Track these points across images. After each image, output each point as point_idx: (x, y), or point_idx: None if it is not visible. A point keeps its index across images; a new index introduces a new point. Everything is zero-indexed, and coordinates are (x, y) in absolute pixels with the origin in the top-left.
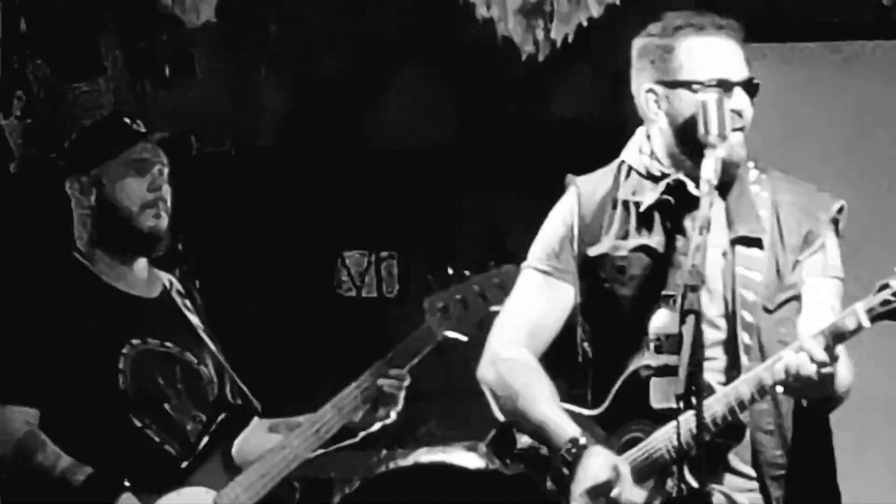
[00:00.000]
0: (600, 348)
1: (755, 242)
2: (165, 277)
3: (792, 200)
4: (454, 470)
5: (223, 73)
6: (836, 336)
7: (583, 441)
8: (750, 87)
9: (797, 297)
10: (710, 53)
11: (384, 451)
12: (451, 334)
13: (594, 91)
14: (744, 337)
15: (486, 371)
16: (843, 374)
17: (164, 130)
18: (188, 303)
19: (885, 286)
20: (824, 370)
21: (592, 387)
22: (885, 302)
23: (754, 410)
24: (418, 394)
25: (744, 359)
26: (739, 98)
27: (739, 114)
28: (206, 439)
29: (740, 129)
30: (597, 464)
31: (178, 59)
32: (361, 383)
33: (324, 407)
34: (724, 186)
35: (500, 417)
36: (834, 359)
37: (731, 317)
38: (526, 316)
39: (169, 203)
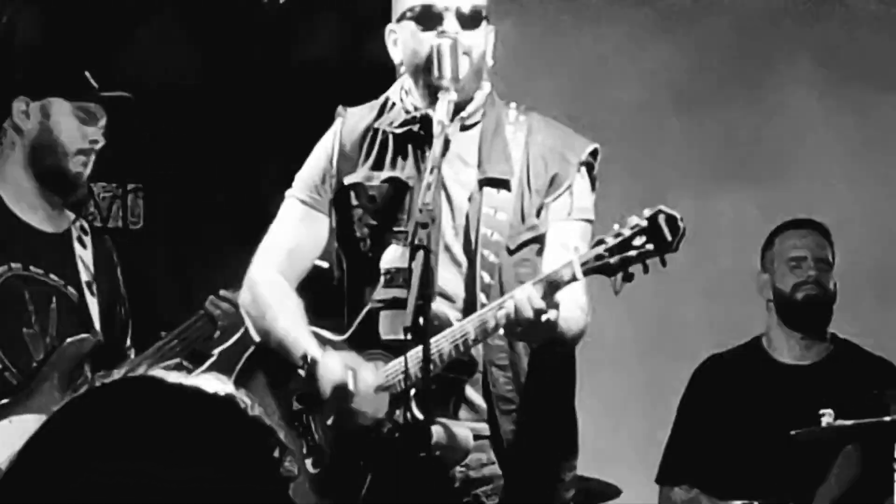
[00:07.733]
0: (352, 277)
1: (503, 184)
2: (72, 216)
3: (543, 142)
4: (160, 386)
5: None
6: (552, 285)
7: (314, 355)
8: (464, 17)
9: (539, 239)
10: None
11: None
12: None
13: (338, 35)
14: (483, 276)
15: (244, 294)
16: (574, 318)
17: None
18: (88, 240)
19: (601, 241)
20: (543, 317)
21: (347, 314)
22: (599, 257)
23: (489, 346)
24: None
25: (481, 297)
26: (450, 24)
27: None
28: (44, 367)
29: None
30: (328, 369)
31: None
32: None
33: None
34: (482, 126)
35: (256, 338)
36: (552, 306)
37: (472, 255)
38: (284, 244)
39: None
